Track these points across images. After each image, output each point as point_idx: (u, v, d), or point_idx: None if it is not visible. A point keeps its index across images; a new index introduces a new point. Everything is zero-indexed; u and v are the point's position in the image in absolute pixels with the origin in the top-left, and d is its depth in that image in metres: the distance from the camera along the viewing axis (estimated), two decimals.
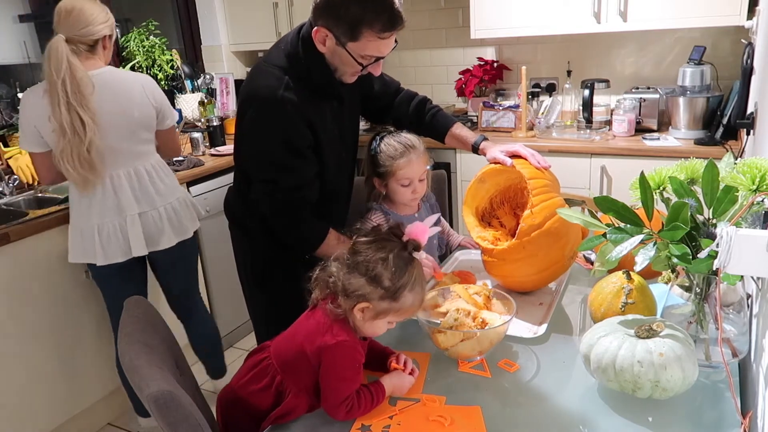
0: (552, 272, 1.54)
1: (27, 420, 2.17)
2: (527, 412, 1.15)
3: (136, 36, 3.22)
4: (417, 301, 1.18)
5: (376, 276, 1.13)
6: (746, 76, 2.16)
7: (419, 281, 1.17)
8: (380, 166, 1.71)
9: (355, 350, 1.16)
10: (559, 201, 1.51)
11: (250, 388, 1.25)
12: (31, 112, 1.90)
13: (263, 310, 1.80)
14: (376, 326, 1.19)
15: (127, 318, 1.29)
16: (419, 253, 1.19)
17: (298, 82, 1.49)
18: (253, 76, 1.56)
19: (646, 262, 1.07)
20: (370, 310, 1.15)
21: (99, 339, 2.39)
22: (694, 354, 1.07)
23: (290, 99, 1.46)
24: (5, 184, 2.50)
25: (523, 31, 2.94)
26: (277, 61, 1.52)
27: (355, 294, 1.14)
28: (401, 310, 1.16)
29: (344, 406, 1.13)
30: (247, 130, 1.55)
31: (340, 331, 1.16)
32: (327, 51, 1.46)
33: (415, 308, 1.20)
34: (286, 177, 1.52)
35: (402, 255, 1.15)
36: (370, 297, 1.14)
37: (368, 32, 1.39)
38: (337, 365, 1.15)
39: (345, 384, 1.14)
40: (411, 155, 1.70)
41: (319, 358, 1.15)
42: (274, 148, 1.49)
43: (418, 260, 1.19)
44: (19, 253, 2.10)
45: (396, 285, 1.13)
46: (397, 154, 1.69)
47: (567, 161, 2.76)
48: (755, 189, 1.03)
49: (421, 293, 1.19)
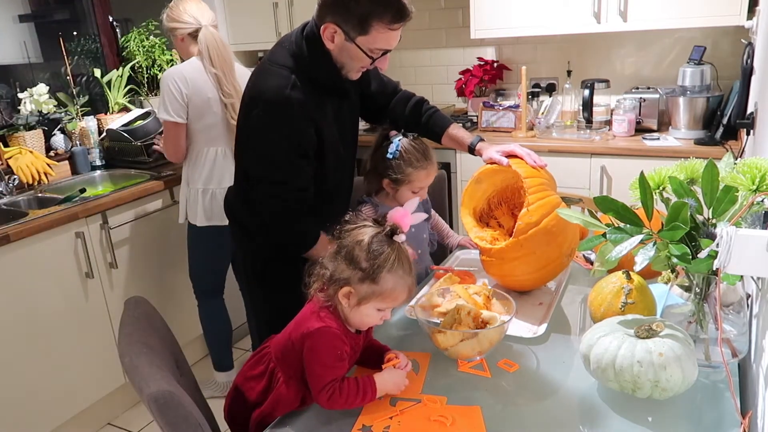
0: (550, 270, 1.54)
1: (27, 420, 2.17)
2: (527, 412, 1.15)
3: (136, 36, 3.22)
4: (400, 285, 1.17)
5: (353, 258, 1.15)
6: (746, 76, 2.16)
7: (400, 263, 1.17)
8: (397, 172, 1.68)
9: (337, 338, 1.16)
10: (555, 199, 1.51)
11: (248, 374, 1.28)
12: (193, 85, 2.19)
13: (262, 309, 1.81)
14: (364, 314, 1.18)
15: (127, 318, 1.29)
16: (399, 236, 1.18)
17: (305, 81, 1.49)
18: (259, 77, 1.55)
19: (645, 262, 1.07)
20: (353, 294, 1.15)
21: (99, 339, 2.39)
22: (693, 354, 1.07)
23: (297, 98, 1.46)
24: (5, 184, 2.50)
25: (523, 31, 2.94)
26: (282, 61, 1.52)
27: (337, 278, 1.16)
28: (384, 293, 1.16)
29: (325, 392, 1.13)
30: (253, 131, 1.55)
31: (326, 318, 1.17)
32: (335, 48, 1.46)
33: (399, 292, 1.18)
34: (295, 178, 1.52)
35: (379, 237, 1.16)
36: (351, 280, 1.15)
37: (378, 25, 1.40)
38: (319, 350, 1.15)
39: (326, 370, 1.14)
40: (430, 167, 1.69)
41: (302, 343, 1.16)
42: (282, 149, 1.49)
43: (399, 243, 1.18)
44: (19, 253, 2.10)
45: (374, 266, 1.14)
46: (419, 165, 1.67)
47: (567, 161, 2.76)
48: (755, 189, 1.03)
49: (405, 277, 1.18)
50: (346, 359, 1.18)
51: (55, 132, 2.83)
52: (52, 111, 2.79)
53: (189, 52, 2.28)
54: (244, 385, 1.28)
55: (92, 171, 2.85)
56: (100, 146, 2.89)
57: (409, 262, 1.20)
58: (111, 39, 3.27)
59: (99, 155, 2.89)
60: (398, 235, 1.18)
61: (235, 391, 1.30)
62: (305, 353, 1.16)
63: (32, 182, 2.55)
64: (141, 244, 2.54)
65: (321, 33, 1.45)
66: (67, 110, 2.89)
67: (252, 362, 1.30)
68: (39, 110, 2.74)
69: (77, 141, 2.87)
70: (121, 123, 2.84)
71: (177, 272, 2.69)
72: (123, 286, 2.47)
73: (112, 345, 2.38)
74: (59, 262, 2.22)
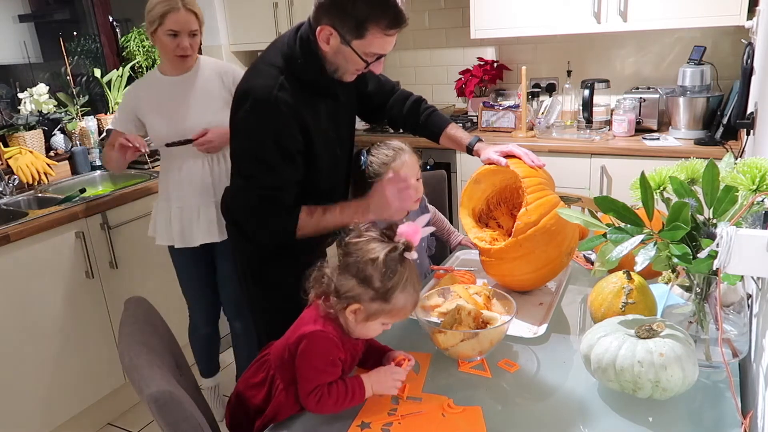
0: (550, 270, 1.54)
1: (27, 420, 2.17)
2: (527, 412, 1.15)
3: (136, 36, 3.22)
4: (410, 302, 1.17)
5: (366, 277, 1.12)
6: (746, 76, 2.16)
7: (411, 282, 1.16)
8: (375, 176, 1.67)
9: (332, 343, 1.16)
10: (554, 198, 1.51)
11: (250, 382, 1.27)
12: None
13: (261, 309, 1.80)
14: (369, 328, 1.18)
15: (127, 318, 1.29)
16: (411, 253, 1.17)
17: (294, 82, 1.48)
18: (250, 74, 1.56)
19: (646, 262, 1.07)
20: (362, 311, 1.14)
21: (99, 339, 2.39)
22: (694, 354, 1.07)
23: (284, 100, 1.46)
24: (5, 184, 2.50)
25: (523, 31, 2.94)
26: (273, 60, 1.52)
27: (346, 295, 1.14)
28: (393, 311, 1.15)
29: (314, 395, 1.13)
30: (239, 127, 1.55)
31: (326, 325, 1.16)
32: (330, 50, 1.46)
33: (408, 309, 1.18)
34: (266, 175, 1.50)
35: (393, 255, 1.14)
36: (361, 298, 1.13)
37: (374, 29, 1.40)
38: (312, 353, 1.14)
39: (317, 374, 1.14)
40: (404, 156, 1.69)
41: (298, 345, 1.16)
42: (262, 146, 1.48)
43: (410, 261, 1.17)
44: (19, 253, 2.10)
45: (387, 286, 1.12)
46: (389, 159, 1.67)
47: (567, 161, 2.76)
48: (755, 189, 1.03)
49: (414, 294, 1.18)
50: (339, 366, 1.17)
51: (55, 132, 2.83)
52: (52, 111, 2.79)
53: None
54: (245, 392, 1.27)
55: (92, 171, 2.85)
56: (100, 146, 2.89)
57: (418, 278, 1.20)
58: (111, 39, 3.27)
59: (99, 155, 2.89)
60: (410, 252, 1.17)
61: (237, 399, 1.29)
62: (298, 354, 1.15)
63: (32, 182, 2.55)
64: (141, 244, 2.53)
65: (317, 35, 1.45)
66: (67, 110, 2.89)
67: (253, 369, 1.29)
68: (39, 110, 2.74)
69: (77, 141, 2.87)
70: None
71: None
72: (123, 286, 2.46)
73: (112, 345, 2.38)
74: (59, 262, 2.22)
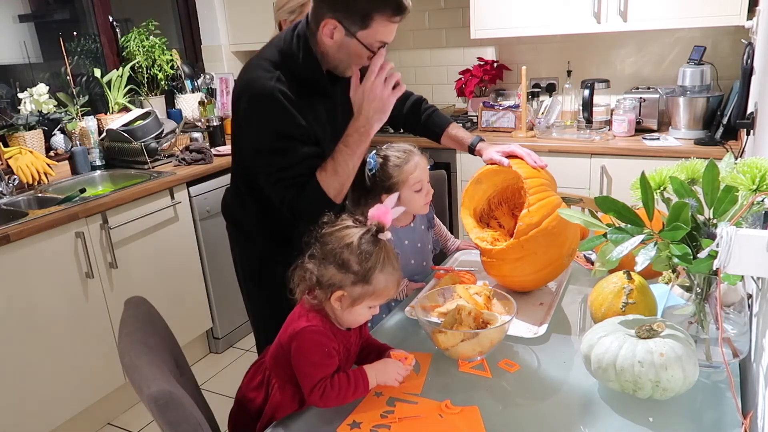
0: (551, 271, 1.54)
1: (27, 420, 2.17)
2: (527, 412, 1.15)
3: (136, 36, 3.22)
4: (391, 282, 1.18)
5: (344, 262, 1.14)
6: (746, 76, 2.16)
7: (389, 261, 1.17)
8: (387, 179, 1.64)
9: (323, 335, 1.16)
10: (556, 200, 1.51)
11: (248, 386, 1.28)
12: None
13: (261, 310, 1.80)
14: (357, 313, 1.19)
15: (128, 318, 1.29)
16: (384, 233, 1.18)
17: (291, 79, 1.48)
18: (245, 71, 1.55)
19: (646, 262, 1.07)
20: (347, 297, 1.15)
21: (99, 339, 2.39)
22: (694, 354, 1.07)
23: (282, 90, 1.45)
24: (5, 184, 2.49)
25: (523, 31, 2.94)
26: (269, 56, 1.51)
27: (329, 283, 1.15)
28: (376, 292, 1.16)
29: (317, 390, 1.13)
30: (241, 124, 1.55)
31: (314, 318, 1.17)
32: (334, 44, 1.45)
33: (391, 289, 1.19)
34: (280, 159, 1.48)
35: (367, 237, 1.15)
36: (343, 284, 1.14)
37: (380, 18, 1.40)
38: (306, 349, 1.15)
39: (315, 369, 1.14)
40: (415, 158, 1.67)
41: (290, 345, 1.16)
42: (269, 137, 1.48)
43: (385, 241, 1.18)
44: (19, 253, 2.10)
45: (365, 267, 1.14)
46: (402, 162, 1.65)
47: (567, 161, 2.76)
48: (755, 189, 1.03)
49: (395, 273, 1.19)
50: (335, 356, 1.18)
51: (55, 132, 2.83)
52: (52, 111, 2.79)
53: None
54: (245, 397, 1.27)
55: (92, 171, 2.85)
56: (100, 146, 2.89)
57: (396, 257, 1.21)
58: (111, 39, 3.27)
59: (99, 155, 2.88)
60: (383, 233, 1.18)
61: (238, 404, 1.30)
62: (293, 354, 1.16)
63: (32, 182, 2.55)
64: (141, 244, 2.53)
65: (320, 30, 1.44)
66: (67, 110, 2.89)
67: (251, 373, 1.30)
68: (39, 110, 2.74)
69: (77, 141, 2.87)
70: (121, 123, 2.85)
71: (177, 272, 2.69)
72: (123, 286, 2.46)
73: (112, 345, 2.38)
74: (59, 262, 2.22)
